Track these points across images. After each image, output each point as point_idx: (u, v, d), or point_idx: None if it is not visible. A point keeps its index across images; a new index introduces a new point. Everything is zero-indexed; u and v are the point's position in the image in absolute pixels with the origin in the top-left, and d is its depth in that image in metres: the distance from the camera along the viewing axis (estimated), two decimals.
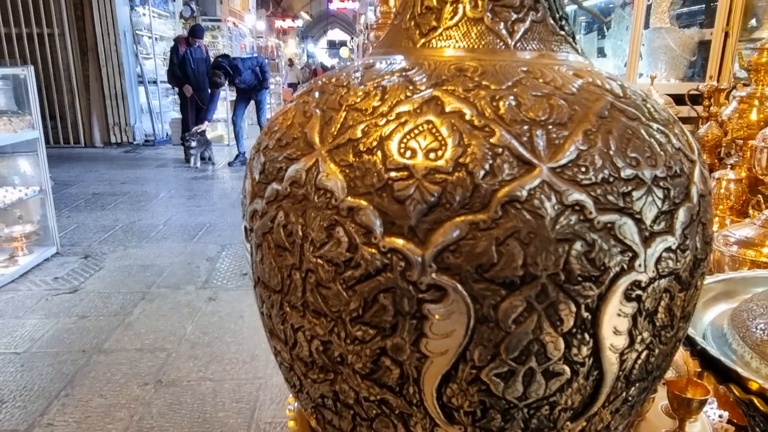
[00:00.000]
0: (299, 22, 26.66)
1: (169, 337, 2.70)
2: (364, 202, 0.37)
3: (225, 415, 2.14)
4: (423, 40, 0.47)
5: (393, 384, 0.41)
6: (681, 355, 1.10)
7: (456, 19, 0.46)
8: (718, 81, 2.49)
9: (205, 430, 2.07)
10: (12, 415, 2.12)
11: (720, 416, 1.13)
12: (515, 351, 0.38)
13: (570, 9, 3.96)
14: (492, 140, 0.37)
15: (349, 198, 0.38)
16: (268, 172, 0.45)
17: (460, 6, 0.46)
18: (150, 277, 3.44)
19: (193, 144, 6.85)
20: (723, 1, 2.65)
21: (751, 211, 1.44)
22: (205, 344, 2.64)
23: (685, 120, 2.31)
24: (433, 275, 0.37)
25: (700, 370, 1.08)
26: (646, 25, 3.15)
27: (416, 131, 0.38)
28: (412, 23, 0.48)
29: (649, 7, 3.06)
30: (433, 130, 0.38)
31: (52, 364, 2.44)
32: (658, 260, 0.40)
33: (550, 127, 0.38)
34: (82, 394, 2.24)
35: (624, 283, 0.39)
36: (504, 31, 0.46)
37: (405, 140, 0.38)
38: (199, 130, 6.93)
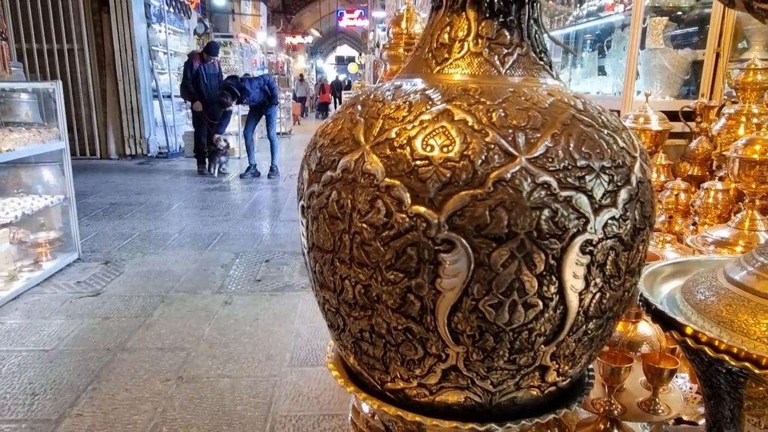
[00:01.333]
0: (309, 39, 27.17)
1: (188, 338, 2.83)
2: (397, 182, 0.54)
3: (243, 408, 2.25)
4: (438, 68, 0.65)
5: (415, 315, 0.58)
6: (655, 333, 1.26)
7: (462, 52, 0.64)
8: (709, 99, 2.63)
9: (224, 422, 2.17)
10: (44, 407, 2.24)
11: (690, 388, 1.29)
12: (503, 287, 0.55)
13: (572, 32, 4.15)
14: (487, 139, 0.54)
15: (386, 179, 0.55)
16: (323, 163, 0.62)
17: (466, 43, 0.64)
18: (168, 282, 3.59)
19: (221, 147, 7.08)
20: (714, 23, 2.81)
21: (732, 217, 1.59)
22: (222, 344, 2.76)
23: (678, 135, 2.45)
24: (446, 232, 0.53)
25: (672, 347, 1.23)
26: (642, 46, 3.31)
27: (434, 133, 0.56)
28: (430, 55, 0.66)
29: (644, 30, 3.22)
30: (446, 132, 0.55)
31: (79, 361, 2.57)
32: (605, 225, 0.58)
33: (528, 130, 0.56)
34: (108, 388, 2.36)
35: (580, 240, 0.56)
36: (497, 62, 0.63)
37: (426, 139, 0.56)
38: (218, 142, 7.16)
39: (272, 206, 5.84)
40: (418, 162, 0.54)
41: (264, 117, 7.52)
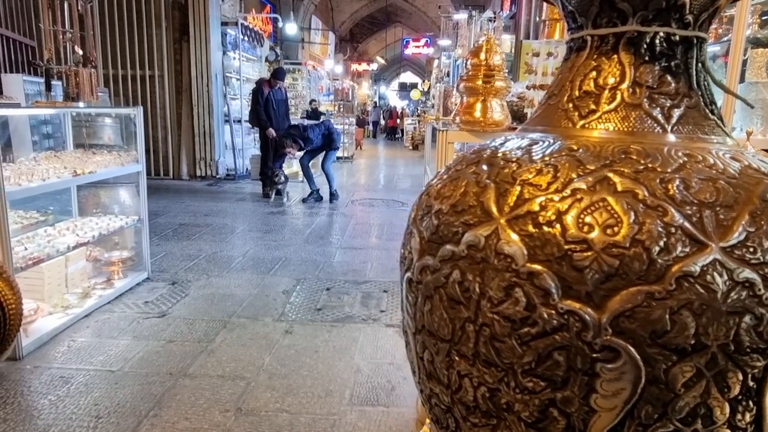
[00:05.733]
0: (374, 66, 27.71)
1: (248, 367, 2.79)
2: (543, 268, 0.43)
3: None
4: (582, 122, 0.53)
5: None
6: None
7: (614, 104, 0.52)
8: None
9: None
10: (107, 431, 2.24)
11: None
12: (682, 413, 0.42)
13: None
14: (665, 219, 0.42)
15: (529, 264, 0.44)
16: (441, 233, 0.51)
17: (618, 92, 0.52)
18: (231, 306, 3.59)
19: (280, 182, 7.24)
20: None
21: None
22: (282, 376, 2.70)
23: None
24: (608, 337, 0.41)
25: None
26: (742, 79, 3.07)
27: (592, 208, 0.44)
28: (570, 105, 0.55)
29: (744, 62, 2.99)
30: (609, 208, 0.43)
31: (143, 384, 2.58)
32: None
33: (718, 209, 0.43)
34: (169, 415, 2.34)
35: None
36: (660, 116, 0.51)
37: (582, 216, 0.44)
38: (277, 177, 7.33)
39: (334, 232, 5.83)
40: (572, 245, 0.43)
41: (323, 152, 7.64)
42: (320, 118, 12.25)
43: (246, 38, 10.18)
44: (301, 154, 7.47)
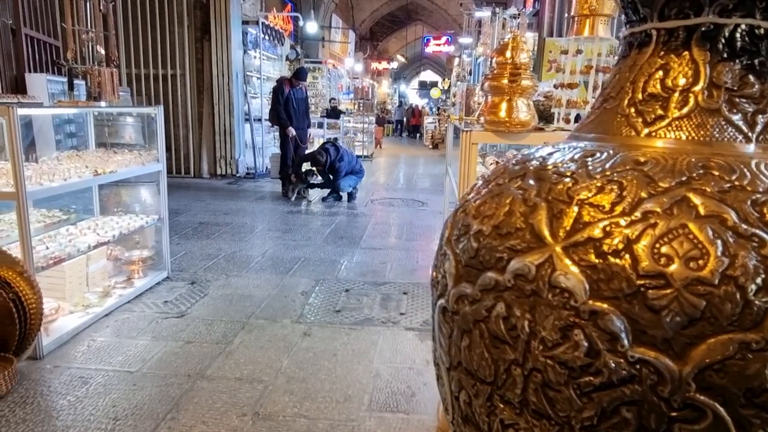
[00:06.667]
0: (394, 64, 27.66)
1: (266, 370, 2.76)
2: (610, 307, 0.36)
3: None
4: (647, 130, 0.45)
5: None
6: None
7: (687, 109, 0.44)
8: None
9: None
10: None
11: None
12: None
13: None
14: (763, 252, 0.34)
15: (591, 301, 0.36)
16: (482, 258, 0.44)
17: (691, 95, 0.44)
18: (249, 307, 3.57)
19: (312, 180, 7.24)
20: None
21: None
22: (300, 379, 2.67)
23: None
24: (691, 393, 0.34)
25: None
26: None
27: (670, 236, 0.36)
28: (633, 110, 0.47)
29: None
30: (691, 236, 0.36)
31: (161, 386, 2.56)
32: None
33: None
34: (186, 419, 2.32)
35: None
36: (743, 124, 0.43)
37: (657, 245, 0.36)
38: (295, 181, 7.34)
39: (353, 233, 5.78)
40: (645, 280, 0.35)
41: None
42: (339, 117, 12.24)
43: (267, 37, 10.21)
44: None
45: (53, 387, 2.54)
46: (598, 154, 0.46)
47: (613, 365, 0.36)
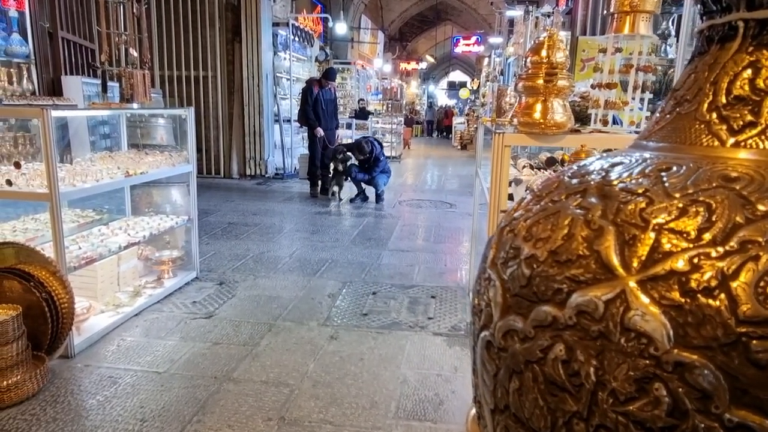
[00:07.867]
0: (423, 65, 27.57)
1: (293, 373, 2.73)
2: (701, 359, 0.29)
3: None
4: (734, 139, 0.38)
5: None
6: None
7: None
8: None
9: None
10: None
11: None
12: None
13: None
14: None
15: (677, 350, 0.30)
16: (537, 289, 0.38)
17: None
18: (276, 309, 3.56)
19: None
20: None
21: None
22: (326, 384, 2.64)
23: None
24: None
25: None
26: None
27: None
28: (715, 116, 0.40)
29: None
30: None
31: (188, 388, 2.56)
32: None
33: None
34: (213, 422, 2.31)
35: None
36: None
37: (762, 283, 0.29)
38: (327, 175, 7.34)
39: (380, 234, 5.74)
40: (748, 327, 0.29)
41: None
42: (367, 118, 12.23)
43: (296, 38, 10.26)
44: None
45: (83, 386, 2.57)
46: (675, 168, 0.39)
47: (705, 429, 0.29)
